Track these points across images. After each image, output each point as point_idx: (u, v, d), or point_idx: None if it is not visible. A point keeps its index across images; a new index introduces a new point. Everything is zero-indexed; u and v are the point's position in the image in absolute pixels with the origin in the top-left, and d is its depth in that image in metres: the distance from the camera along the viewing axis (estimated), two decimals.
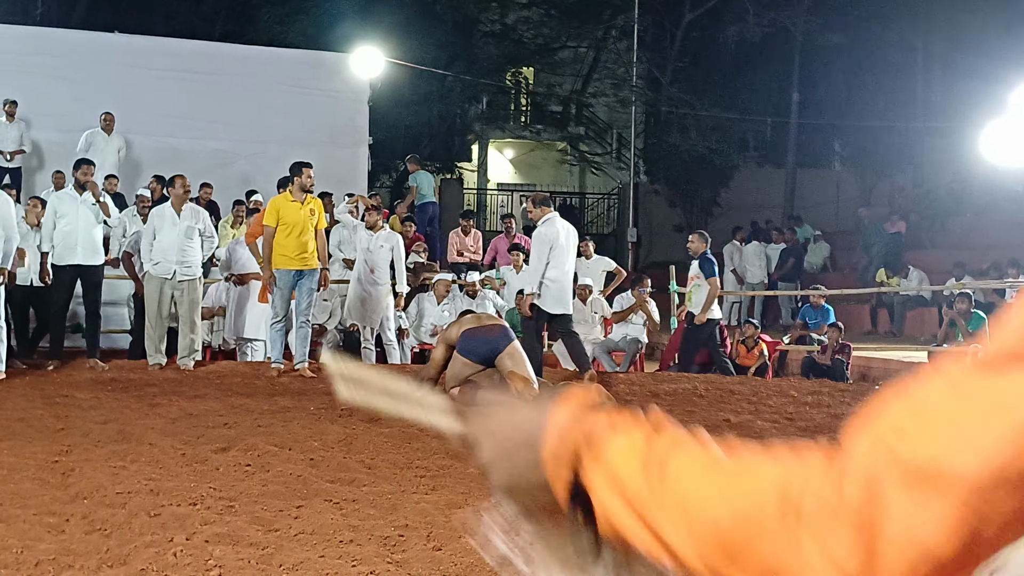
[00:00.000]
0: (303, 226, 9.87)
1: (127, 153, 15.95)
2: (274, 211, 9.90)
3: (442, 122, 27.70)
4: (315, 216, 10.06)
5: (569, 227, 10.19)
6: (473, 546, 3.68)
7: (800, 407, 8.37)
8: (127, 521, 4.56)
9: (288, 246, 9.83)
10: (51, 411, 7.51)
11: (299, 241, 9.85)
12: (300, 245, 9.87)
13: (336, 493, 5.16)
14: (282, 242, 9.83)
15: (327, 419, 7.35)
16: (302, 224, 9.87)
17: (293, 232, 9.84)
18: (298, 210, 9.87)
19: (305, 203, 9.94)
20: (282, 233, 9.83)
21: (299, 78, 17.83)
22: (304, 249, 9.89)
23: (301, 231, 9.86)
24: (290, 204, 9.92)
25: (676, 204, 27.60)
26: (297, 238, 9.84)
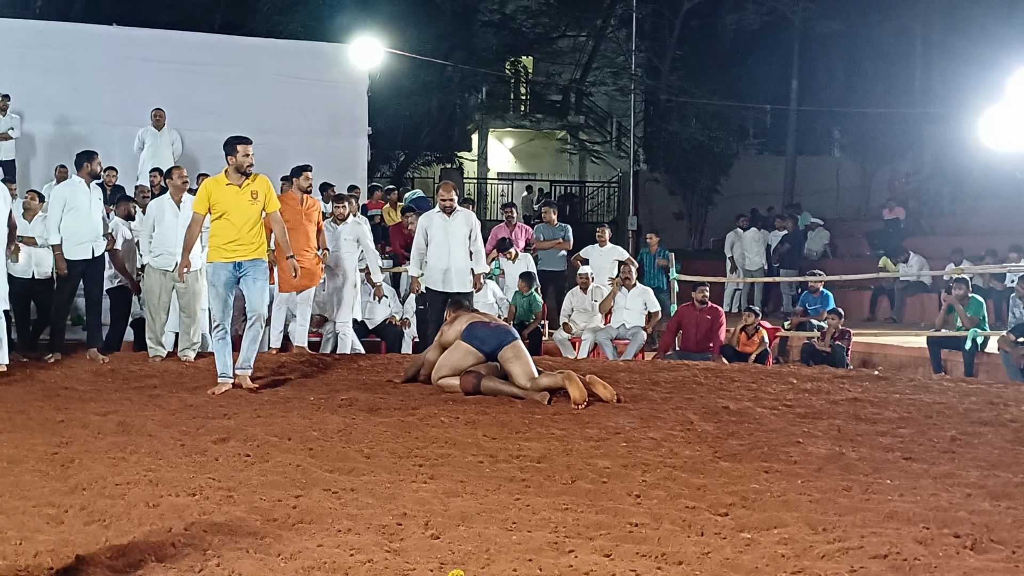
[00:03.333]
0: (242, 212, 8.43)
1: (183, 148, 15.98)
2: (204, 196, 8.46)
3: (442, 112, 27.69)
4: (257, 200, 8.48)
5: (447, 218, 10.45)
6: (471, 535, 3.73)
7: (799, 394, 8.37)
8: (126, 512, 4.57)
9: (223, 236, 8.44)
10: (51, 403, 7.53)
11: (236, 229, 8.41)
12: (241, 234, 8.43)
13: (335, 482, 5.18)
14: (216, 232, 8.47)
15: (326, 409, 7.36)
16: (241, 210, 8.43)
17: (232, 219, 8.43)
18: (235, 194, 8.43)
19: (244, 186, 8.45)
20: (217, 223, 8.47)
21: (299, 69, 17.81)
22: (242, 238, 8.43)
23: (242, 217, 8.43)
24: (224, 188, 8.44)
25: (676, 192, 27.61)
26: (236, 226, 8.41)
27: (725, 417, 7.28)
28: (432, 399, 7.86)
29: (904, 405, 7.84)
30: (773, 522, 4.50)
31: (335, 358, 10.64)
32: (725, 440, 6.44)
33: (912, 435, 6.62)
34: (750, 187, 25.88)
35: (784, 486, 5.19)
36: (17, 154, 15.24)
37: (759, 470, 5.56)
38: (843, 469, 5.60)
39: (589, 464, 5.68)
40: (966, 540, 4.20)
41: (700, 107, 26.80)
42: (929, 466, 5.67)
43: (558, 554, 4.05)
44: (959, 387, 8.99)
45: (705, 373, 9.63)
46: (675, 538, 4.28)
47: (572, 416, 7.21)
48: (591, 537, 4.29)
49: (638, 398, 8.05)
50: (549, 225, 14.76)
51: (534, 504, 4.81)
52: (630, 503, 4.88)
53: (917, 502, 4.83)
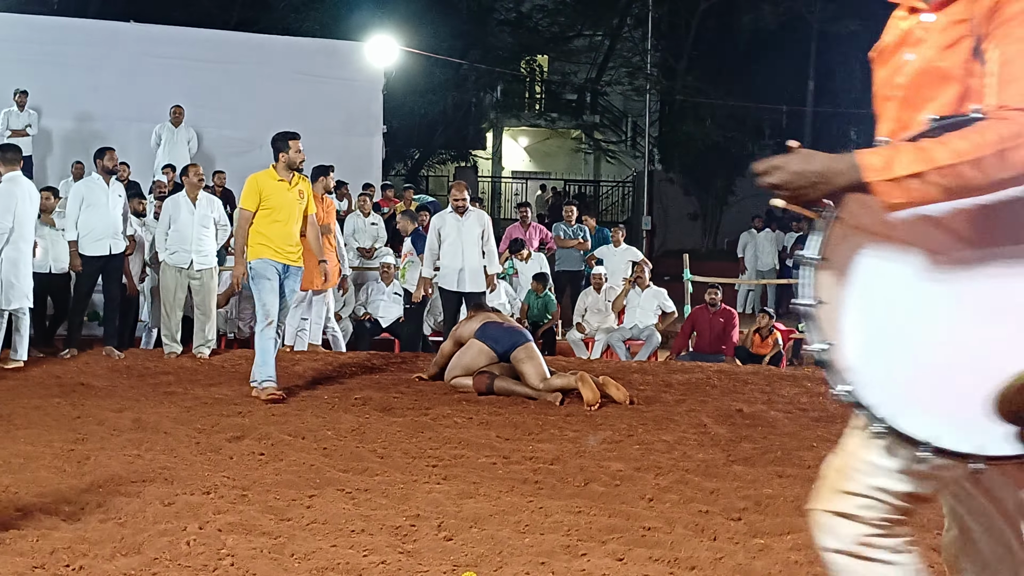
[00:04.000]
0: (290, 210, 8.18)
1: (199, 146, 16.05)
2: (255, 191, 8.10)
3: (457, 110, 27.70)
4: (303, 199, 8.29)
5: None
6: (484, 537, 3.74)
7: (813, 397, 8.36)
8: (141, 510, 4.60)
9: (270, 233, 8.09)
10: (67, 399, 7.57)
11: (284, 227, 8.12)
12: (290, 235, 8.17)
13: (348, 482, 5.20)
14: (263, 229, 8.09)
15: (340, 408, 7.39)
16: (289, 207, 8.18)
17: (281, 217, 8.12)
18: (285, 191, 8.16)
19: (293, 183, 8.21)
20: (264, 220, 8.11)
21: (314, 67, 17.85)
22: (290, 238, 8.18)
23: (290, 217, 8.17)
24: (275, 183, 8.15)
25: (691, 192, 27.58)
26: (283, 224, 8.12)
27: (739, 420, 7.28)
28: (446, 399, 7.87)
29: None
30: (786, 527, 4.50)
31: (349, 356, 10.66)
32: (739, 444, 6.44)
33: None
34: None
35: (798, 491, 5.18)
36: (34, 150, 15.32)
37: (773, 474, 5.56)
38: None
39: (602, 467, 5.69)
40: None
41: (716, 107, 26.76)
42: None
43: (571, 557, 4.06)
44: None
45: (719, 375, 9.63)
46: (688, 543, 4.28)
47: (585, 418, 7.22)
48: (604, 541, 4.30)
49: (651, 400, 8.06)
50: (568, 225, 14.76)
51: (547, 507, 4.82)
52: (643, 507, 4.89)
53: (933, 508, 4.79)
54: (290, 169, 8.15)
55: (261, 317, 7.99)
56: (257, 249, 8.05)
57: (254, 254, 8.04)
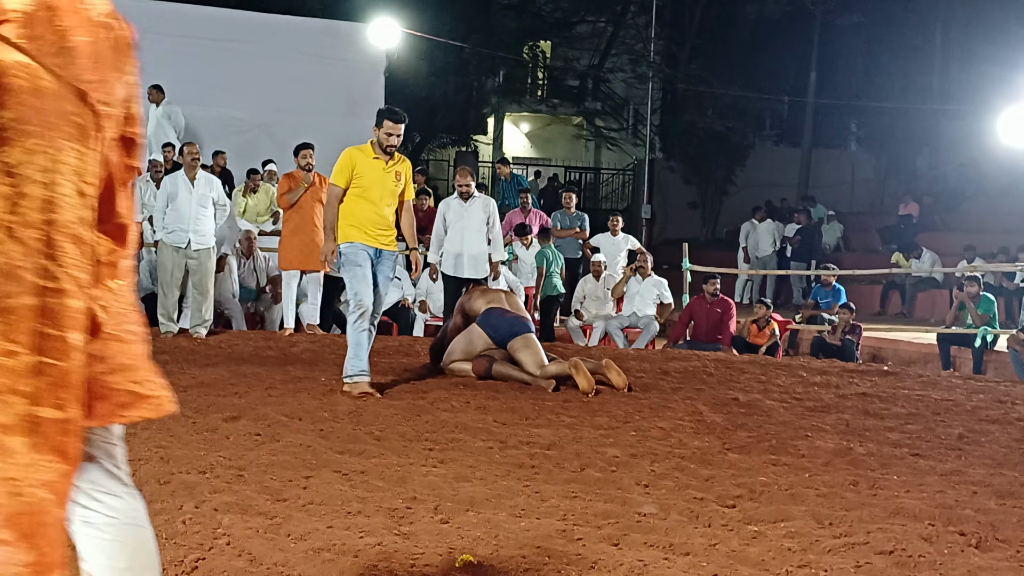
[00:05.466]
0: (385, 190, 7.56)
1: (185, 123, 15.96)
2: (347, 166, 7.55)
3: (458, 94, 27.66)
4: (400, 182, 7.67)
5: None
6: (480, 520, 3.75)
7: (808, 387, 8.39)
8: (136, 488, 4.60)
9: (362, 215, 7.51)
10: None
11: (377, 209, 7.53)
12: (382, 218, 7.56)
13: (345, 464, 5.21)
14: (354, 210, 7.52)
15: (337, 390, 7.40)
16: (384, 187, 7.56)
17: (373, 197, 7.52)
18: (381, 170, 7.56)
19: (390, 164, 7.62)
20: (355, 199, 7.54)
21: (316, 47, 17.81)
22: (383, 222, 7.57)
23: (382, 198, 7.55)
24: (371, 160, 7.55)
25: (691, 181, 27.57)
26: (376, 206, 7.52)
27: (734, 409, 7.30)
28: (442, 383, 7.89)
29: (912, 401, 7.85)
30: (780, 515, 4.52)
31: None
32: (734, 432, 6.46)
33: (920, 431, 6.63)
34: (765, 178, 25.82)
35: (792, 479, 5.21)
36: None
37: (767, 463, 5.58)
38: (851, 464, 5.61)
39: (598, 452, 5.70)
40: (971, 538, 4.22)
41: (718, 97, 26.75)
42: (936, 463, 5.68)
43: (566, 542, 4.08)
44: (967, 384, 9.00)
45: (715, 364, 9.65)
46: (683, 529, 4.30)
47: (582, 404, 7.24)
48: (599, 526, 4.31)
49: (648, 387, 8.08)
50: (567, 213, 14.76)
51: (543, 491, 4.83)
52: (639, 492, 4.90)
53: (923, 499, 4.85)
54: (382, 150, 7.55)
55: (353, 307, 7.42)
56: (346, 231, 7.49)
57: (343, 236, 7.48)
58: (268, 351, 9.49)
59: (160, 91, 15.66)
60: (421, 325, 12.65)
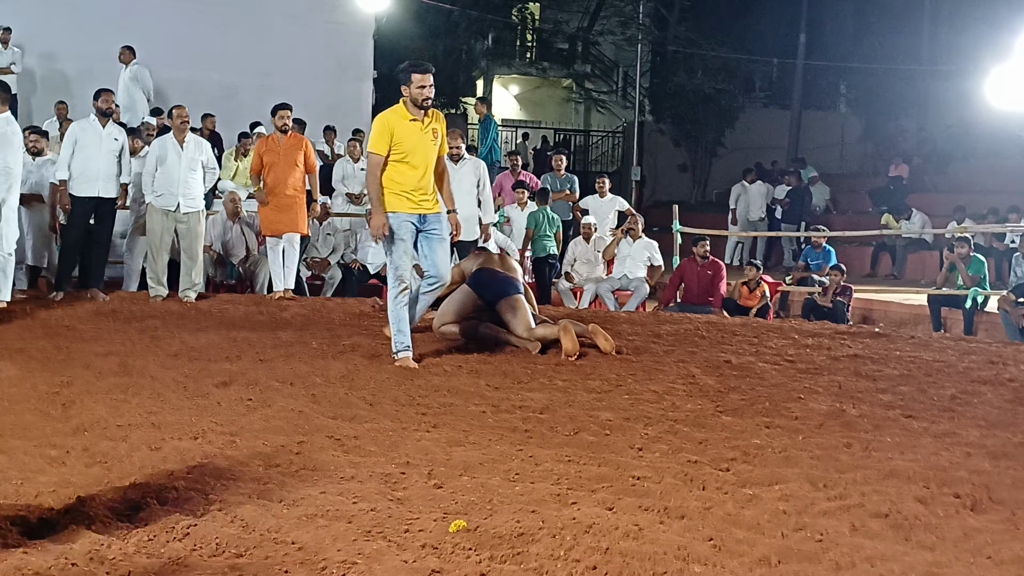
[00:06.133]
0: (425, 153, 7.18)
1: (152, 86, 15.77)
2: (385, 132, 7.11)
3: (447, 57, 27.45)
4: (437, 139, 7.26)
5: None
6: (474, 485, 3.73)
7: (800, 349, 8.38)
8: (128, 454, 4.58)
9: (404, 181, 7.14)
10: (52, 342, 7.52)
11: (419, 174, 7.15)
12: (425, 181, 7.20)
13: (337, 429, 5.18)
14: (395, 176, 7.14)
15: (329, 355, 7.36)
16: (424, 150, 7.17)
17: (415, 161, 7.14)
18: (419, 132, 7.16)
19: (426, 123, 7.20)
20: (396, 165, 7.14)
21: (305, 10, 17.70)
22: (426, 186, 7.20)
23: (424, 161, 7.18)
24: (408, 124, 7.14)
25: (681, 144, 27.48)
26: (418, 170, 7.15)
27: (727, 371, 7.28)
28: (435, 347, 7.85)
29: (904, 363, 7.85)
30: (774, 478, 4.51)
31: (337, 303, 10.63)
32: (727, 394, 6.44)
33: (912, 393, 6.63)
34: (755, 140, 25.75)
35: (785, 442, 5.20)
36: (18, 90, 15.12)
37: (760, 425, 5.57)
38: (844, 426, 5.60)
39: (591, 416, 5.69)
40: (966, 500, 4.21)
41: (707, 59, 26.61)
42: (929, 424, 5.68)
43: (561, 506, 4.06)
44: (959, 345, 9.00)
45: (707, 326, 9.63)
46: (677, 492, 4.28)
47: (574, 367, 7.21)
48: (593, 490, 4.30)
49: (640, 350, 8.05)
50: (556, 176, 14.68)
51: (537, 455, 4.81)
52: (632, 456, 4.89)
53: (917, 460, 4.84)
54: (417, 107, 7.11)
55: (393, 281, 7.14)
56: (391, 200, 7.09)
57: (387, 206, 7.10)
58: (259, 316, 9.44)
59: (131, 52, 15.46)
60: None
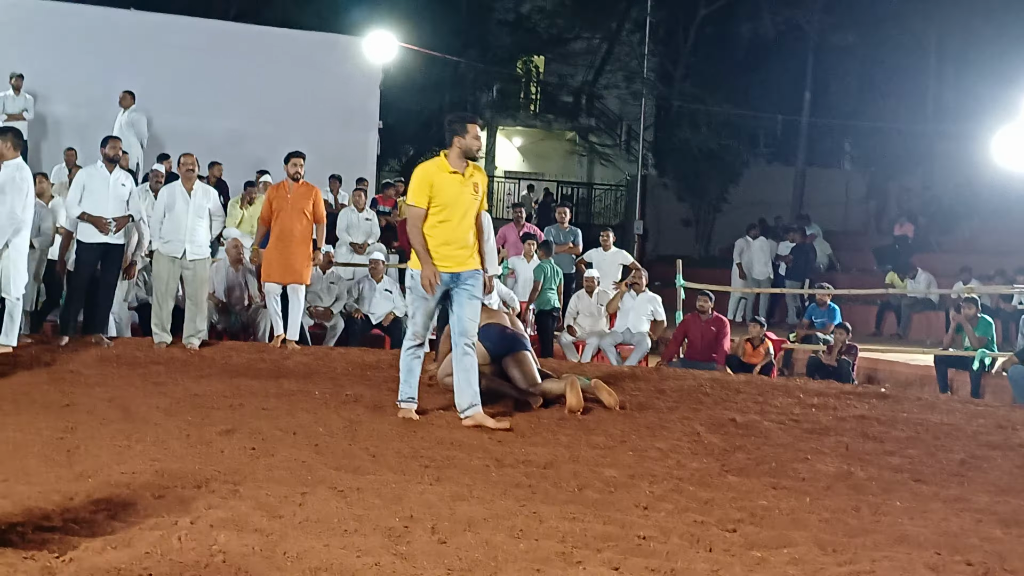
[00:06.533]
0: (463, 207, 6.97)
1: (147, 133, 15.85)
2: (425, 184, 6.93)
3: (453, 109, 27.60)
4: (478, 194, 7.06)
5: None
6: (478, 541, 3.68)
7: (806, 408, 8.34)
8: (131, 502, 4.54)
9: (438, 236, 6.92)
10: (57, 387, 7.50)
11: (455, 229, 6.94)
12: (460, 236, 6.97)
13: (340, 481, 5.14)
14: (429, 231, 6.92)
15: (331, 405, 7.33)
16: (462, 204, 6.97)
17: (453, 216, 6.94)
18: (459, 185, 6.96)
19: (467, 175, 7.01)
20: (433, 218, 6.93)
21: (312, 60, 17.84)
22: (461, 240, 6.98)
23: (463, 215, 6.97)
24: (448, 176, 6.95)
25: (684, 198, 27.59)
26: (454, 225, 6.94)
27: (732, 430, 7.24)
28: (437, 399, 7.81)
29: (912, 425, 7.81)
30: (783, 541, 4.46)
31: (340, 352, 10.61)
32: (732, 453, 6.40)
33: (921, 456, 6.58)
34: (759, 196, 25.83)
35: (793, 504, 5.15)
36: (29, 136, 15.20)
37: (767, 486, 5.53)
38: (852, 488, 5.56)
39: (596, 472, 5.65)
40: (978, 568, 4.16)
41: (711, 114, 26.78)
42: (939, 489, 5.63)
43: (566, 565, 4.01)
44: (967, 408, 8.96)
45: (711, 383, 9.60)
46: (684, 553, 4.24)
47: (578, 423, 7.18)
48: (599, 549, 4.25)
49: (644, 406, 8.02)
50: (560, 228, 14.71)
51: (541, 512, 4.77)
52: (637, 515, 4.84)
53: (928, 526, 4.79)
54: (465, 158, 6.98)
55: (409, 335, 7.07)
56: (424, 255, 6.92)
57: (414, 262, 6.97)
58: (261, 363, 9.42)
59: (132, 97, 15.56)
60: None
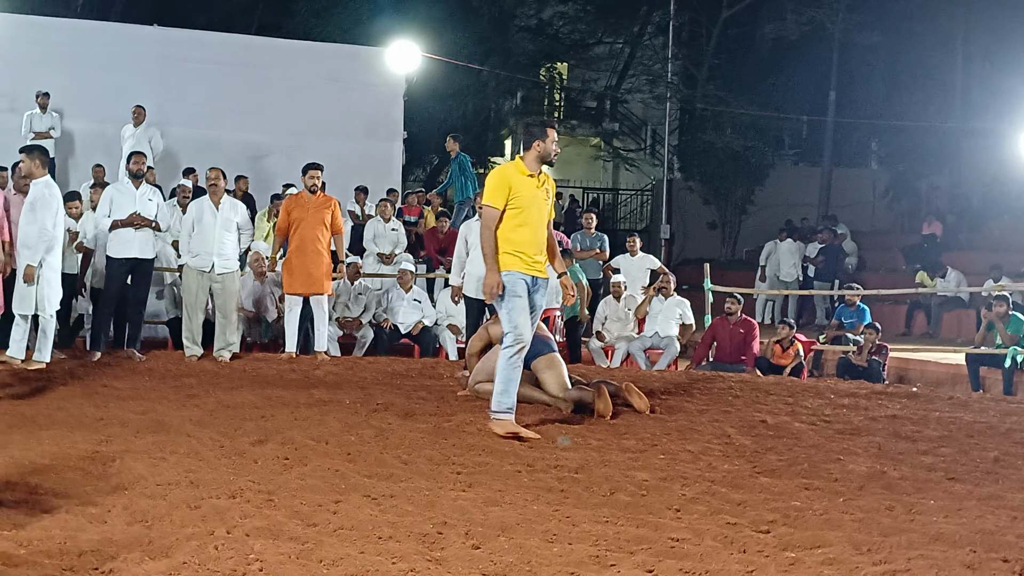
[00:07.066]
0: (540, 211, 6.92)
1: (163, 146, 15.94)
2: (503, 185, 6.85)
3: (476, 117, 27.68)
4: (550, 200, 7.04)
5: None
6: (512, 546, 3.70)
7: (837, 409, 8.31)
8: (168, 513, 4.58)
9: (521, 240, 6.85)
10: (90, 401, 7.57)
11: (535, 233, 6.89)
12: (539, 242, 6.94)
13: (374, 488, 5.17)
14: (511, 235, 6.85)
15: (363, 414, 7.37)
16: (539, 208, 6.91)
17: (530, 220, 6.87)
18: (535, 188, 6.91)
19: (541, 180, 6.97)
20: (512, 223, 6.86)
21: (335, 72, 17.92)
22: (540, 246, 6.97)
23: (539, 219, 6.92)
24: (525, 178, 6.89)
25: (710, 201, 27.48)
26: (534, 229, 6.88)
27: (763, 431, 7.23)
28: (467, 406, 7.85)
29: (944, 423, 7.76)
30: (816, 541, 4.45)
31: (369, 362, 10.66)
32: (764, 455, 6.39)
33: (954, 455, 6.54)
34: (785, 198, 25.71)
35: (826, 504, 5.14)
36: (56, 153, 15.36)
37: (800, 487, 5.51)
38: (885, 488, 5.53)
39: (627, 476, 5.65)
40: (1015, 565, 4.13)
41: (736, 116, 26.68)
42: (973, 487, 5.60)
43: (600, 568, 4.02)
44: (1000, 406, 8.90)
45: (741, 385, 9.58)
46: (717, 555, 4.23)
47: (609, 427, 7.18)
48: (632, 551, 4.26)
49: (674, 409, 8.01)
50: (587, 234, 14.71)
51: (574, 516, 4.78)
52: (670, 517, 4.84)
53: (963, 524, 4.77)
54: (542, 162, 6.95)
55: (511, 340, 6.81)
56: (505, 259, 6.82)
57: (501, 265, 6.82)
58: (292, 374, 9.48)
59: (143, 111, 15.65)
60: (454, 347, 12.57)
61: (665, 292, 13.27)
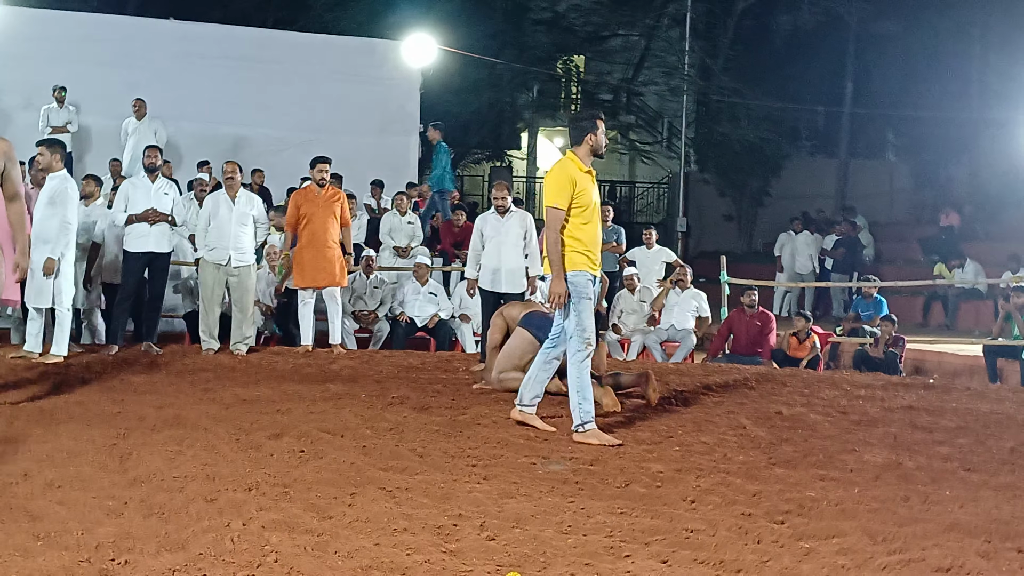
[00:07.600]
0: (597, 207, 6.77)
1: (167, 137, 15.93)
2: (568, 184, 6.64)
3: (492, 110, 27.67)
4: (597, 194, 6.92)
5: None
6: (527, 537, 3.72)
7: (853, 400, 8.29)
8: (184, 506, 4.61)
9: (585, 237, 6.63)
10: (108, 395, 7.61)
11: (595, 229, 6.72)
12: (600, 238, 6.80)
13: (389, 481, 5.19)
14: (577, 233, 6.61)
15: (378, 407, 7.39)
16: (596, 206, 6.77)
17: (594, 216, 6.72)
18: (592, 183, 6.79)
19: (593, 174, 6.86)
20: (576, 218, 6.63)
21: (351, 65, 17.91)
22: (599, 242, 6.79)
23: (597, 214, 6.79)
24: (584, 174, 6.74)
25: (726, 194, 27.42)
26: (595, 225, 6.72)
27: (778, 423, 7.22)
28: (482, 399, 7.86)
29: (961, 414, 7.74)
30: (831, 531, 4.45)
31: (385, 355, 10.68)
32: (779, 446, 6.38)
33: (970, 445, 6.52)
34: (801, 189, 25.63)
35: (841, 494, 5.13)
36: (72, 148, 15.42)
37: (815, 477, 5.51)
38: (901, 478, 5.53)
39: (642, 468, 5.65)
40: None
41: (752, 108, 26.59)
42: (989, 477, 5.59)
43: (615, 559, 4.03)
44: (1017, 397, 8.87)
45: (756, 377, 9.57)
46: (732, 545, 4.24)
47: (623, 418, 7.18)
48: (647, 543, 4.27)
49: (689, 401, 8.01)
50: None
51: (588, 507, 4.79)
52: (685, 508, 4.85)
53: (978, 514, 4.76)
54: (593, 155, 6.81)
55: (579, 344, 6.49)
56: (573, 258, 6.55)
57: (570, 264, 6.53)
58: (307, 368, 9.51)
59: (144, 104, 15.67)
60: (471, 340, 12.60)
61: (681, 285, 13.26)
